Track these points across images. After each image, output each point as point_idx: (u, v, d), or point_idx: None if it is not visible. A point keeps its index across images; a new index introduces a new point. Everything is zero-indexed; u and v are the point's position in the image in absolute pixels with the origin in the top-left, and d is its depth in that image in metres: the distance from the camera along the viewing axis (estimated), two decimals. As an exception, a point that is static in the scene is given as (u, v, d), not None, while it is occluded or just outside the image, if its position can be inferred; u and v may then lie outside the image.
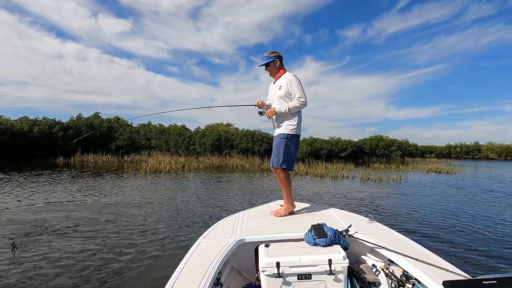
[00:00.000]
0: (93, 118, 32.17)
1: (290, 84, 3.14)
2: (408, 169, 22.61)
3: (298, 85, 3.15)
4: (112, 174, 14.81)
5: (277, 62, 3.28)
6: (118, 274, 3.48)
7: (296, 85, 3.13)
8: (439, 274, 1.76)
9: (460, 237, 5.21)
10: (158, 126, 34.64)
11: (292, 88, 3.13)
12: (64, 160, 23.31)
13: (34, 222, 5.59)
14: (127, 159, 25.67)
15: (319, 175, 16.79)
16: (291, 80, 3.14)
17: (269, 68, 3.33)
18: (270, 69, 3.33)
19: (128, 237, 4.86)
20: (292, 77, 3.16)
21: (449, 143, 60.51)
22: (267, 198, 8.75)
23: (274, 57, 3.27)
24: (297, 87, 3.13)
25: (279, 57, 3.29)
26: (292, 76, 3.17)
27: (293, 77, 3.17)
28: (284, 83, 3.17)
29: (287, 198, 3.21)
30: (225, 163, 23.80)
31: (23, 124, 25.85)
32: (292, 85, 3.13)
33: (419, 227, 5.87)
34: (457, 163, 34.98)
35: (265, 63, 3.29)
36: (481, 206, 8.24)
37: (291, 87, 3.13)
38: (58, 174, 13.92)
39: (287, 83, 3.15)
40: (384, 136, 47.88)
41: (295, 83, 3.14)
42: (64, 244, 4.46)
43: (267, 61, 3.28)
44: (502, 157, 55.43)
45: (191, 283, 1.70)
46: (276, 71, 3.31)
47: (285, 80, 3.18)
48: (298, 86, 3.14)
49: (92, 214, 6.35)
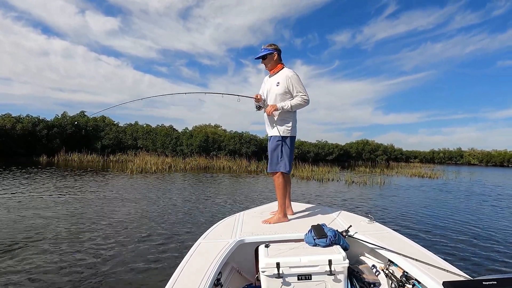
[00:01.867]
0: (78, 116, 31.63)
1: (291, 81, 2.93)
2: (392, 173, 23.06)
3: (299, 82, 2.95)
4: (97, 173, 14.62)
5: (275, 55, 3.04)
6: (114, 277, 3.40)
7: (298, 82, 2.94)
8: (439, 274, 1.76)
9: (433, 232, 5.51)
10: (145, 126, 34.33)
11: (292, 86, 2.93)
12: (47, 159, 22.83)
13: (16, 224, 5.52)
14: (112, 158, 25.36)
15: (305, 177, 16.98)
16: (291, 77, 2.94)
17: (266, 61, 3.08)
18: (266, 62, 3.08)
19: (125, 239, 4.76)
20: (292, 74, 2.96)
21: (433, 148, 62.17)
22: (254, 197, 8.84)
23: (272, 49, 3.04)
24: (299, 84, 2.94)
25: (277, 50, 3.06)
26: (292, 73, 2.96)
27: (293, 74, 2.96)
28: (283, 80, 2.96)
29: (280, 206, 2.96)
30: (212, 164, 23.77)
31: (5, 121, 25.21)
32: (293, 83, 2.93)
33: (398, 222, 6.07)
34: (440, 168, 35.91)
35: (262, 55, 3.05)
36: (457, 207, 8.58)
37: (292, 85, 2.93)
38: (40, 173, 13.66)
39: (286, 80, 2.94)
40: (370, 140, 48.77)
41: (295, 80, 2.94)
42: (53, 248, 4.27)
43: (264, 53, 3.03)
44: (483, 163, 57.18)
45: (191, 283, 1.69)
46: (273, 65, 3.07)
47: (284, 77, 2.97)
48: (299, 83, 2.95)
49: (74, 216, 6.21)
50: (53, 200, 7.48)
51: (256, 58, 3.08)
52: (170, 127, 35.72)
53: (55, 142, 26.89)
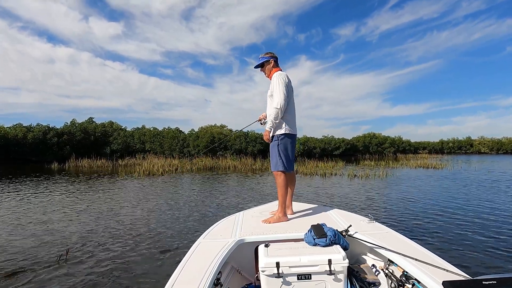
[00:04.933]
0: (87, 123, 32.44)
1: (273, 84, 3.07)
2: (397, 165, 23.09)
3: (278, 86, 3.00)
4: (106, 178, 15.12)
5: (271, 62, 3.22)
6: (117, 276, 3.51)
7: (277, 86, 3.00)
8: (439, 274, 1.77)
9: (422, 222, 5.71)
10: (152, 129, 34.98)
11: (273, 88, 3.04)
12: (59, 166, 23.51)
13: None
14: (121, 163, 25.90)
15: (308, 173, 17.22)
16: (273, 81, 3.08)
17: (264, 69, 3.27)
18: (264, 70, 3.28)
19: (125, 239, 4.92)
20: (275, 77, 3.06)
21: (442, 139, 61.47)
22: (254, 195, 9.15)
23: (268, 57, 3.22)
24: (277, 88, 2.99)
25: (273, 57, 3.22)
26: (276, 76, 3.06)
27: (277, 77, 3.05)
28: (271, 84, 3.13)
29: (281, 205, 3.01)
30: (218, 164, 24.15)
31: (17, 131, 26.09)
32: (274, 86, 3.04)
33: (389, 215, 6.31)
34: (449, 158, 35.62)
35: (260, 64, 3.24)
36: (454, 197, 8.73)
37: (273, 88, 3.05)
38: (54, 180, 14.22)
39: (272, 83, 3.10)
40: (377, 133, 48.56)
41: (276, 84, 3.02)
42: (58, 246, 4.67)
43: (261, 61, 3.23)
44: (494, 151, 56.38)
45: (191, 283, 1.71)
46: (269, 71, 3.25)
47: (272, 81, 3.12)
48: (278, 87, 2.99)
49: (85, 218, 6.56)
50: (62, 202, 7.92)
51: (255, 67, 3.29)
52: (176, 129, 36.26)
53: (66, 149, 27.72)
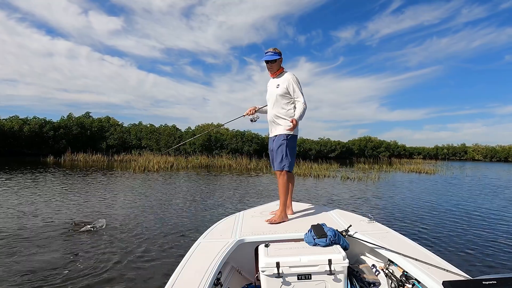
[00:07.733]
0: (83, 117, 32.45)
1: (291, 84, 3.11)
2: (391, 170, 23.41)
3: (299, 86, 3.12)
4: (101, 173, 15.22)
5: (281, 60, 3.26)
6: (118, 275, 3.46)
7: (297, 85, 3.12)
8: (439, 274, 1.77)
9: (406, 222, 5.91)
10: (149, 126, 35.04)
11: (293, 88, 3.11)
12: (54, 159, 23.53)
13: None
14: (117, 158, 25.94)
15: (302, 174, 17.42)
16: (290, 80, 3.12)
17: (274, 65, 3.23)
18: (273, 66, 3.23)
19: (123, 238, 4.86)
20: (292, 77, 3.14)
21: (437, 144, 62.04)
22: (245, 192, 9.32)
23: (279, 54, 3.22)
24: (298, 87, 3.11)
25: (281, 55, 3.27)
26: (292, 76, 3.15)
27: (293, 77, 3.15)
28: (284, 82, 3.14)
29: (283, 205, 3.03)
30: (213, 163, 24.30)
31: (13, 123, 26.08)
32: (294, 86, 3.11)
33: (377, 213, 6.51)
34: (442, 164, 36.02)
35: (272, 59, 3.20)
36: (438, 200, 8.97)
37: (292, 87, 3.11)
38: (47, 172, 14.30)
39: (287, 83, 3.12)
40: (373, 137, 49.04)
41: (295, 83, 3.11)
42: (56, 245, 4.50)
43: (274, 58, 3.19)
44: (488, 159, 56.95)
45: (191, 283, 1.70)
46: (277, 69, 3.26)
47: (285, 80, 3.15)
48: (299, 86, 3.12)
49: (78, 213, 6.47)
50: (51, 197, 8.04)
51: (266, 60, 3.20)
52: (173, 127, 36.34)
53: (62, 142, 27.76)
